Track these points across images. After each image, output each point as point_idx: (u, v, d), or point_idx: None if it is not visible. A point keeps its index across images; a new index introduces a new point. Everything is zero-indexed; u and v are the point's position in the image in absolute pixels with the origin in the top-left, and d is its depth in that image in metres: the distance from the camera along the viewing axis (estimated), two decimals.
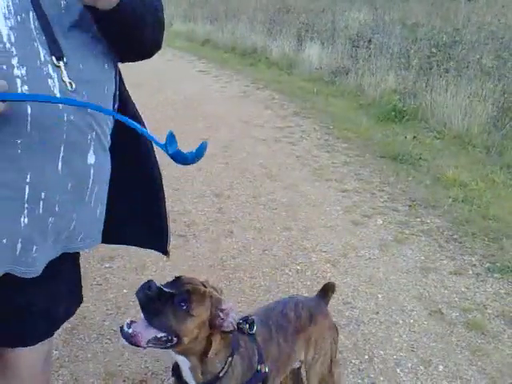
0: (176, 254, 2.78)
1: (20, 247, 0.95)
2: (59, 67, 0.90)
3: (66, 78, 0.91)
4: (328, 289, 1.64)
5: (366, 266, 2.84)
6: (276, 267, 2.81)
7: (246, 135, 5.26)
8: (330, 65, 7.87)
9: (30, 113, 0.87)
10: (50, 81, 0.89)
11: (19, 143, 0.88)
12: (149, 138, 0.87)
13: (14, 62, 0.85)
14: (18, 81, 0.86)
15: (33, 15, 0.88)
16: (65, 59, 0.91)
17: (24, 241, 0.95)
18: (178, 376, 1.27)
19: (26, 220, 0.93)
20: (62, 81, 0.91)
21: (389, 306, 2.48)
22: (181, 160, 0.86)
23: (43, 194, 0.93)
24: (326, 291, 1.64)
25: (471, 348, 2.20)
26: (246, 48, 10.59)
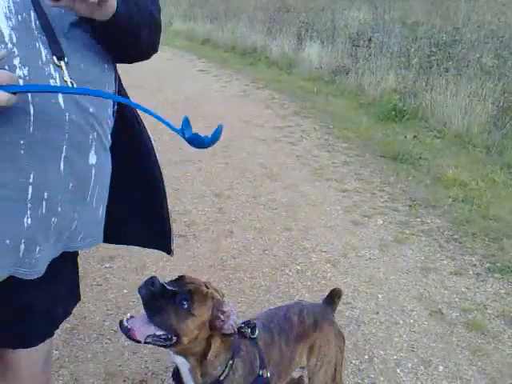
0: (176, 254, 2.74)
1: (23, 248, 0.95)
2: (60, 67, 0.90)
3: (67, 78, 0.91)
4: (334, 295, 1.61)
5: (366, 266, 2.84)
6: (276, 267, 2.80)
7: (245, 135, 5.26)
8: (330, 64, 7.86)
9: (32, 113, 0.87)
10: (51, 81, 0.89)
11: (22, 144, 0.88)
12: (164, 123, 0.87)
13: (16, 62, 0.85)
14: (21, 81, 0.85)
15: (34, 15, 0.88)
16: (66, 59, 0.91)
17: (27, 241, 0.95)
18: (179, 381, 1.26)
19: (29, 220, 0.93)
20: (63, 81, 0.91)
21: (389, 306, 2.48)
22: (197, 144, 0.86)
23: (46, 193, 0.93)
24: (333, 297, 1.61)
25: (471, 348, 2.20)
26: (245, 47, 10.58)
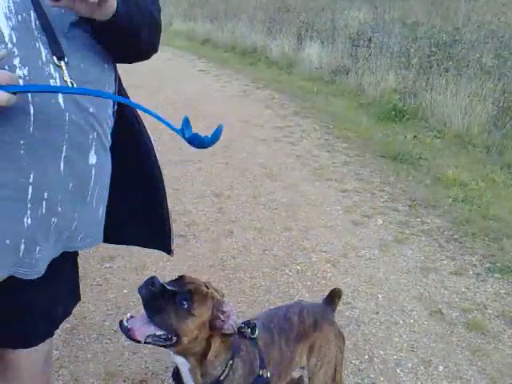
0: (176, 254, 2.73)
1: (23, 248, 0.95)
2: (60, 67, 0.90)
3: (67, 78, 0.91)
4: (334, 295, 1.60)
5: (366, 266, 2.84)
6: (276, 267, 2.80)
7: (245, 135, 5.26)
8: (330, 64, 7.86)
9: (32, 113, 0.87)
10: (51, 81, 0.89)
11: (22, 144, 0.88)
12: (164, 123, 0.87)
13: (16, 62, 0.85)
14: (21, 81, 0.85)
15: (34, 15, 0.87)
16: (66, 59, 0.91)
17: (27, 241, 0.94)
18: (179, 381, 1.26)
19: (29, 220, 0.93)
20: (63, 81, 0.91)
21: (389, 306, 2.48)
22: (197, 144, 0.86)
23: (46, 194, 0.93)
24: (333, 297, 1.60)
25: (471, 348, 2.20)
26: (245, 47, 10.58)
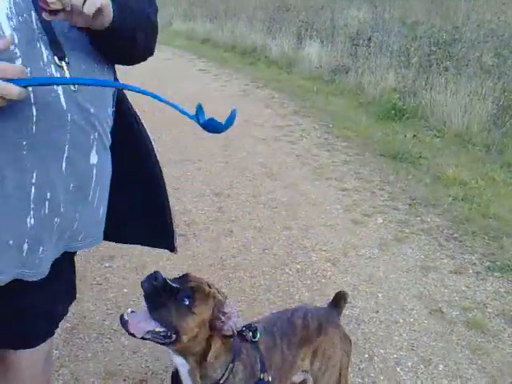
0: (176, 254, 2.78)
1: (27, 248, 0.95)
2: (62, 67, 0.90)
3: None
4: (340, 298, 1.57)
5: (366, 265, 2.84)
6: (276, 266, 2.81)
7: (245, 134, 5.26)
8: (330, 63, 7.86)
9: (35, 114, 0.88)
10: None
11: (24, 144, 0.88)
12: (177, 109, 0.89)
13: (18, 63, 0.85)
14: None
15: (35, 15, 0.87)
16: (67, 59, 0.91)
17: (31, 241, 0.95)
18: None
19: (32, 220, 0.93)
20: None
21: (389, 305, 2.48)
22: (212, 129, 0.87)
23: (48, 194, 0.93)
24: (338, 301, 1.57)
25: (471, 347, 2.20)
26: (245, 47, 10.58)
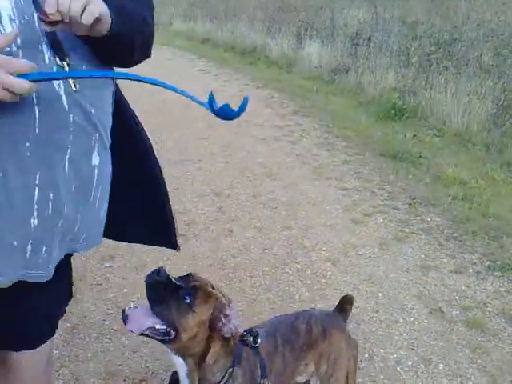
0: (176, 254, 2.78)
1: (30, 249, 0.95)
2: (63, 68, 0.91)
3: (70, 79, 0.92)
4: (345, 302, 1.54)
5: (366, 265, 2.84)
6: (276, 266, 2.81)
7: (245, 134, 5.26)
8: (330, 63, 7.86)
9: (37, 116, 0.88)
10: (55, 82, 0.90)
11: (27, 146, 0.89)
12: (191, 98, 0.91)
13: None
14: None
15: (37, 17, 0.88)
16: (68, 60, 0.91)
17: (34, 242, 0.95)
18: None
19: (35, 221, 0.93)
20: (66, 81, 0.91)
21: (389, 305, 2.48)
22: (224, 116, 0.90)
23: (52, 194, 0.94)
24: (344, 304, 1.55)
25: (471, 346, 2.20)
26: (245, 47, 10.57)
